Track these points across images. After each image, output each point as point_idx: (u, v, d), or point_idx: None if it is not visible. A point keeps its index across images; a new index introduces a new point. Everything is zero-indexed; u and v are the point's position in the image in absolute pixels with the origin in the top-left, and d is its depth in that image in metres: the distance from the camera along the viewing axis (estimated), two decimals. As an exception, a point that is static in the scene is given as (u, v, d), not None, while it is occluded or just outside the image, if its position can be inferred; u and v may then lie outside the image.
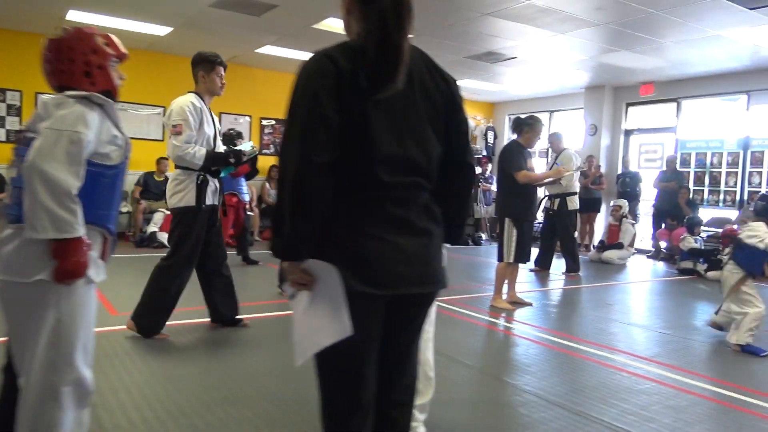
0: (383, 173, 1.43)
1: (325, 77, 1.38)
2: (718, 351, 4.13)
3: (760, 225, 4.18)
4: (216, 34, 7.88)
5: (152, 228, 8.22)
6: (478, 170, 10.93)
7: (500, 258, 5.06)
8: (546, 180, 5.09)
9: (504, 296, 5.23)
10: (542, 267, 7.50)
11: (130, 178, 8.97)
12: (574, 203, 7.24)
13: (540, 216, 7.03)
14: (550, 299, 5.83)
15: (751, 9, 6.04)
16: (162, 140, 9.13)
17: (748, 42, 7.29)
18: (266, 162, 9.43)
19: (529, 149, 5.07)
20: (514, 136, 5.08)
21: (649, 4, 5.99)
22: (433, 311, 2.46)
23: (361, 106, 1.40)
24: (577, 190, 7.41)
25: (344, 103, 1.38)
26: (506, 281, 5.24)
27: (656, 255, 9.51)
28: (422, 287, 1.51)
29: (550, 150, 8.69)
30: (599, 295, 6.40)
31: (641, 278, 7.74)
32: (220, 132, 3.98)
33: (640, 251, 10.11)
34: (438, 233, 1.58)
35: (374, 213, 1.45)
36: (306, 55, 1.43)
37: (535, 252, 6.93)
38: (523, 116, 5.10)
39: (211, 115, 3.78)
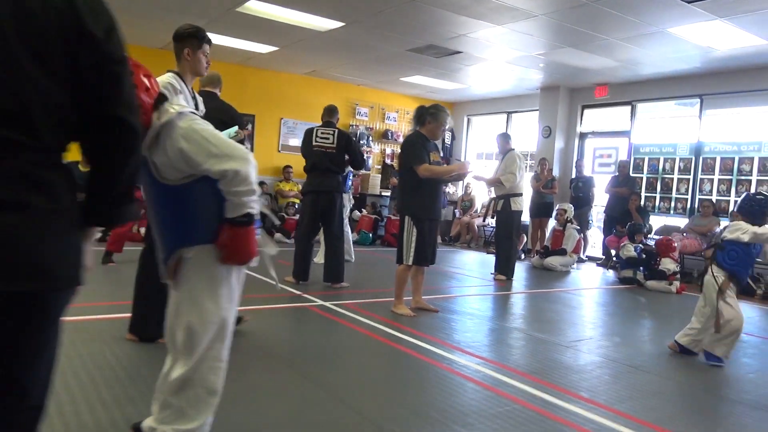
0: None
1: None
2: (597, 368, 3.72)
3: (740, 222, 3.89)
4: (140, 19, 7.42)
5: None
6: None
7: (399, 260, 4.63)
8: (451, 175, 4.66)
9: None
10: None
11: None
12: (518, 204, 6.92)
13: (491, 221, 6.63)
14: (462, 306, 5.37)
15: (689, 3, 5.69)
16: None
17: (698, 41, 6.95)
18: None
19: (434, 141, 4.67)
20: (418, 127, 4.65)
21: (581, -7, 5.65)
22: (179, 328, 1.94)
23: None
24: (523, 191, 7.07)
25: None
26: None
27: (605, 263, 9.15)
28: None
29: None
30: (523, 303, 6.00)
31: (579, 286, 7.34)
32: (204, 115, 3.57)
33: (591, 258, 9.76)
34: (48, 209, 1.15)
35: None
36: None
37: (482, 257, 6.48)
38: (427, 105, 4.68)
39: (194, 98, 3.38)
